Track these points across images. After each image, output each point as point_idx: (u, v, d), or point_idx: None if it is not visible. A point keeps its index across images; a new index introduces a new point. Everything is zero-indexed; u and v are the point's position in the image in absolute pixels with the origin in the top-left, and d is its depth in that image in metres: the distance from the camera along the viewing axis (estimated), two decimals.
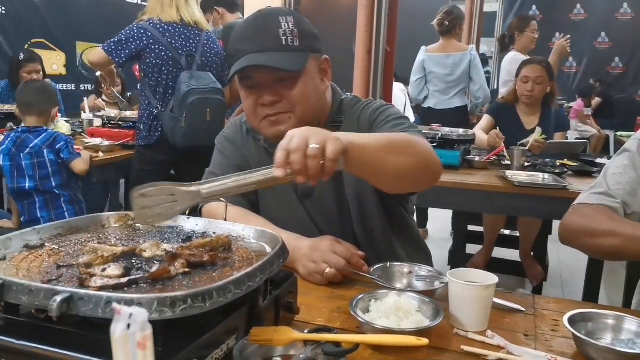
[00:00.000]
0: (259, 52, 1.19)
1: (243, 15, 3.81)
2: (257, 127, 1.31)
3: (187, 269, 0.76)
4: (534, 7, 8.16)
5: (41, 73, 3.89)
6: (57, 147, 2.71)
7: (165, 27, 2.77)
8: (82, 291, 0.62)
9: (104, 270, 0.74)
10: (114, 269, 0.74)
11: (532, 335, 0.96)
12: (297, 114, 1.24)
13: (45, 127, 2.78)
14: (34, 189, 2.67)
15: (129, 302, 0.60)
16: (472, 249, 3.63)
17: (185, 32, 2.82)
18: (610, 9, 7.89)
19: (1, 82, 4.01)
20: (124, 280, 0.70)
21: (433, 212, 4.41)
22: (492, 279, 0.97)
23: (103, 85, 4.15)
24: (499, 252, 3.63)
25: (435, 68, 4.17)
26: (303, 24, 1.24)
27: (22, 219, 2.74)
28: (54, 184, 2.70)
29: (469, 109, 4.30)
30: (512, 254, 3.51)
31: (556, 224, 3.97)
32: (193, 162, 2.75)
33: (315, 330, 0.83)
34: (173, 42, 2.77)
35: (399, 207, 1.43)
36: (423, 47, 4.29)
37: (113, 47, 2.78)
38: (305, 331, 0.82)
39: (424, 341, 0.79)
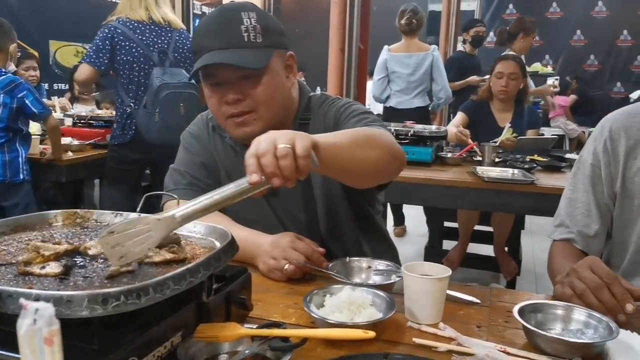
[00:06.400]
0: (221, 49, 1.17)
1: None
2: (223, 125, 1.29)
3: (130, 268, 0.74)
4: (510, 5, 8.25)
5: (38, 71, 3.93)
6: (18, 95, 2.65)
7: (135, 24, 2.76)
8: (11, 289, 0.60)
9: (42, 268, 0.73)
10: (53, 267, 0.73)
11: (485, 327, 0.96)
12: (262, 112, 1.22)
13: (4, 70, 2.72)
14: None
15: (58, 300, 0.59)
16: (449, 244, 3.65)
17: (156, 29, 2.81)
18: (586, 7, 8.00)
19: None
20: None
21: (411, 209, 4.44)
22: (445, 271, 0.97)
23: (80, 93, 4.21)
24: (475, 248, 3.67)
25: (397, 67, 4.17)
26: (267, 19, 1.23)
27: None
28: None
29: (430, 109, 4.32)
30: (488, 250, 3.54)
31: (529, 219, 4.02)
32: (167, 160, 2.73)
33: (265, 325, 0.82)
34: (144, 38, 2.75)
35: (367, 206, 1.43)
36: (385, 47, 4.28)
37: (94, 57, 2.77)
38: (254, 327, 0.82)
39: (371, 334, 0.79)
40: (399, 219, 4.61)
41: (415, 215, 4.46)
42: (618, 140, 1.28)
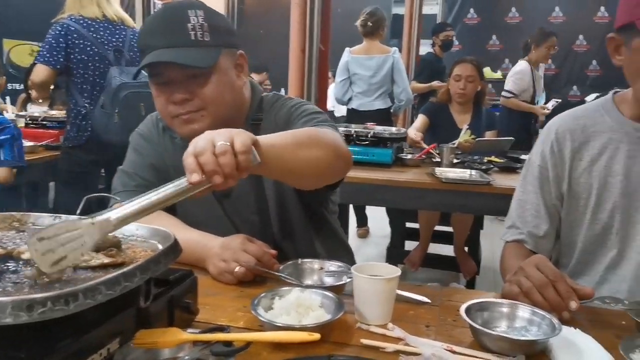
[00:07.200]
0: (167, 48, 1.15)
1: None
2: (169, 124, 1.27)
3: (61, 276, 0.71)
4: (471, 10, 8.40)
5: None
6: (1, 137, 2.49)
7: (89, 22, 2.68)
8: None
9: None
10: None
11: (434, 326, 0.97)
12: (211, 112, 1.20)
13: None
14: None
15: None
16: (411, 245, 3.68)
17: (110, 27, 2.74)
18: (543, 13, 8.21)
19: None
20: None
21: (374, 211, 4.47)
22: (395, 272, 0.97)
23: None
24: (436, 248, 3.71)
25: (359, 69, 4.19)
26: (215, 17, 1.21)
27: None
28: None
29: (391, 111, 4.36)
30: (449, 250, 3.59)
31: (487, 220, 4.07)
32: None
33: (208, 330, 0.80)
34: (98, 37, 2.68)
35: (319, 206, 1.42)
36: (347, 49, 4.29)
37: (47, 56, 2.64)
38: (197, 331, 0.80)
39: (316, 336, 0.77)
40: (362, 220, 4.63)
41: (378, 217, 4.49)
42: (564, 142, 1.31)
